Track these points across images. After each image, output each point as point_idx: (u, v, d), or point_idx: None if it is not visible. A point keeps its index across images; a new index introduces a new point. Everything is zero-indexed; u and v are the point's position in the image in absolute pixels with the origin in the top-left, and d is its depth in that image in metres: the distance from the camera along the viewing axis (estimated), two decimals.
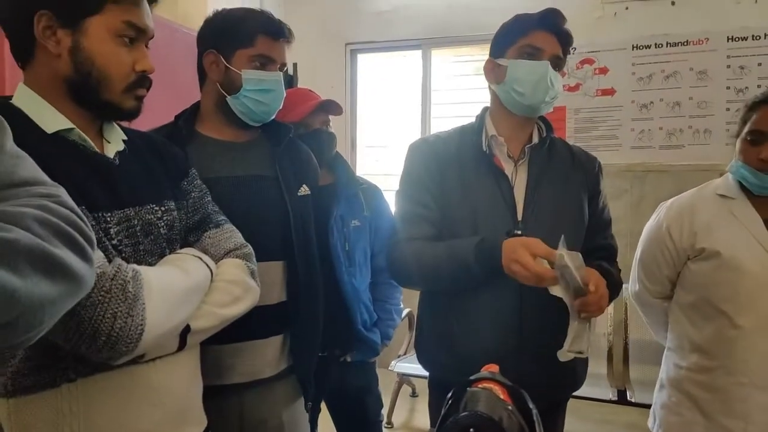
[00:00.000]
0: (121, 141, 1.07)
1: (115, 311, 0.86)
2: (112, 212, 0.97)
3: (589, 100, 3.64)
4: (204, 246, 1.13)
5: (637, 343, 3.12)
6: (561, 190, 1.45)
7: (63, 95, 0.98)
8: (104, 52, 0.96)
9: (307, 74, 3.68)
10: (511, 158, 1.46)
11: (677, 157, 3.50)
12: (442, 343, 1.45)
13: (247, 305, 1.14)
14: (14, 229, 0.58)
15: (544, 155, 1.47)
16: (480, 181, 1.43)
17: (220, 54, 1.37)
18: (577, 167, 1.50)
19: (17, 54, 0.99)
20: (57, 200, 0.67)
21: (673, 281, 1.59)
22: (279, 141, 1.47)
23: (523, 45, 1.40)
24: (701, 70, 3.42)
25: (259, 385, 1.39)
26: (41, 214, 0.63)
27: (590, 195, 1.50)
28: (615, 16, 3.61)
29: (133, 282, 0.89)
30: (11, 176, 0.67)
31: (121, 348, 0.87)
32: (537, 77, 1.38)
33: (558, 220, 1.42)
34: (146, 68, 1.01)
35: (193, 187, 1.18)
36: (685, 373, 1.56)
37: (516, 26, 1.44)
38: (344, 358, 1.93)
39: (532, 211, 1.41)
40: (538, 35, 1.40)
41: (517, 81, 1.40)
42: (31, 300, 0.58)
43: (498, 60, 1.45)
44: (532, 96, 1.40)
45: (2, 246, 0.56)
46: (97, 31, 0.95)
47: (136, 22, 0.99)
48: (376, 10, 4.10)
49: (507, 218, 1.40)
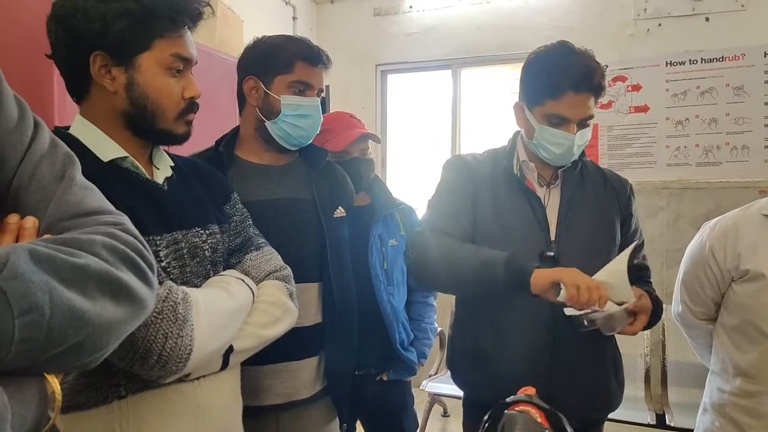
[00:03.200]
0: (169, 167, 1.12)
1: (166, 332, 0.90)
2: (162, 236, 1.02)
3: (622, 117, 3.60)
4: (245, 268, 1.17)
5: (675, 364, 3.04)
6: (593, 212, 1.45)
7: (118, 126, 1.04)
8: (157, 86, 1.02)
9: (339, 95, 3.73)
10: (543, 181, 1.46)
11: (715, 174, 3.43)
12: (474, 362, 1.45)
13: (286, 326, 1.17)
14: (84, 254, 0.62)
15: (576, 178, 1.47)
16: (513, 201, 1.42)
17: (260, 80, 1.41)
18: (609, 190, 1.50)
19: (73, 91, 1.05)
20: (122, 228, 0.71)
21: (717, 303, 1.55)
22: (316, 164, 1.49)
23: (551, 113, 1.36)
24: (738, 86, 3.36)
25: (294, 406, 1.40)
26: (109, 240, 0.67)
27: (622, 217, 1.49)
28: (648, 32, 3.58)
29: (183, 304, 0.93)
30: (81, 206, 0.71)
31: (171, 367, 0.91)
32: (563, 149, 1.37)
33: (590, 241, 1.41)
34: (194, 95, 1.08)
35: (235, 210, 1.22)
36: (728, 397, 1.51)
37: (546, 84, 1.36)
38: (381, 377, 1.93)
39: (565, 232, 1.40)
40: (568, 99, 1.34)
41: (543, 147, 1.39)
42: (99, 322, 0.61)
43: (526, 112, 1.42)
44: (559, 159, 1.41)
45: (74, 271, 0.60)
46: (148, 66, 1.01)
47: (183, 53, 1.05)
48: (405, 31, 4.15)
49: (540, 239, 1.39)
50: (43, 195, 0.70)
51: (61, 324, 0.57)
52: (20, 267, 0.55)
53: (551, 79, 1.35)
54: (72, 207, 0.70)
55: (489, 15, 3.91)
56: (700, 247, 1.56)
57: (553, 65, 1.36)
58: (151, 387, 0.96)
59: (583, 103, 1.35)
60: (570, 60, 1.35)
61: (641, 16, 3.60)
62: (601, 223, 1.45)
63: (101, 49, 0.99)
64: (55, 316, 0.57)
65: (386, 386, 1.94)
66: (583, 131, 1.39)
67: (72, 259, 0.60)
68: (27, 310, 0.54)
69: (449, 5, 4.01)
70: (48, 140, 0.74)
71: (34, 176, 0.70)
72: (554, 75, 1.34)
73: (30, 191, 0.69)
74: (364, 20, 4.24)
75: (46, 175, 0.71)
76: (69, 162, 0.74)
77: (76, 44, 1.00)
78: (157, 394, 0.97)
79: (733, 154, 3.40)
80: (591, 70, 1.34)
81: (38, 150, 0.72)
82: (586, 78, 1.33)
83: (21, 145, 0.70)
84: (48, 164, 0.72)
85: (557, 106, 1.34)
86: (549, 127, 1.37)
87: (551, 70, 1.36)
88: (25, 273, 0.55)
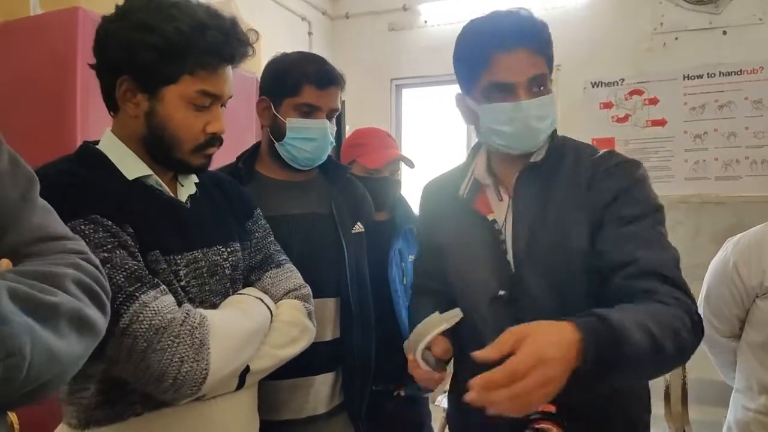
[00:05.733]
0: (194, 185, 1.12)
1: (182, 356, 0.90)
2: (182, 255, 1.02)
3: (639, 131, 3.58)
4: (264, 285, 1.17)
5: (696, 382, 2.98)
6: (565, 218, 1.09)
7: (139, 148, 1.04)
8: (177, 118, 1.01)
9: (354, 110, 3.74)
10: (505, 193, 1.18)
11: (735, 188, 3.38)
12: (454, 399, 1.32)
13: (303, 345, 1.16)
14: (58, 292, 0.64)
15: (542, 176, 1.13)
16: (467, 230, 1.18)
17: (271, 101, 1.41)
18: (581, 178, 1.11)
19: (107, 105, 1.06)
20: (85, 257, 0.73)
21: (741, 319, 1.53)
22: (336, 180, 1.49)
23: (488, 83, 1.09)
24: (756, 100, 3.33)
25: (312, 421, 1.40)
26: (76, 274, 0.68)
27: (597, 204, 1.08)
28: (664, 46, 3.57)
29: (200, 328, 0.93)
30: (45, 229, 0.72)
31: (186, 391, 0.91)
32: (519, 125, 1.08)
33: (558, 263, 1.08)
34: (217, 130, 1.05)
35: (257, 227, 1.22)
36: (753, 415, 1.48)
37: (476, 55, 1.10)
38: (398, 392, 1.91)
39: (525, 257, 1.11)
40: (500, 62, 1.07)
41: (493, 131, 1.11)
42: (69, 359, 0.63)
43: (467, 100, 1.16)
44: (520, 143, 1.11)
45: (49, 310, 0.61)
46: (172, 99, 1.01)
47: (211, 90, 1.03)
48: (420, 46, 4.16)
49: (500, 272, 1.13)
50: (5, 215, 0.69)
51: (39, 364, 0.59)
52: (3, 308, 0.56)
53: (478, 48, 1.10)
54: (35, 231, 0.71)
55: None
56: (724, 263, 1.54)
57: (477, 34, 1.12)
58: (167, 405, 0.96)
59: (521, 62, 1.07)
60: (495, 22, 1.11)
61: (658, 30, 3.58)
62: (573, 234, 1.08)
63: (128, 74, 0.99)
64: (35, 358, 0.58)
65: (403, 402, 1.92)
66: (539, 99, 1.08)
67: (47, 297, 0.62)
68: (11, 353, 0.55)
69: (464, 20, 3.93)
70: (7, 159, 0.71)
71: None
72: (480, 43, 1.10)
73: None
74: (379, 35, 4.27)
75: (9, 195, 0.70)
76: (31, 182, 0.73)
77: (106, 65, 1.02)
78: (173, 412, 0.97)
79: (753, 168, 3.35)
80: (520, 23, 1.08)
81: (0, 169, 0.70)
82: (514, 32, 1.07)
83: None
84: (9, 184, 0.70)
85: (492, 74, 1.08)
86: (492, 104, 1.09)
87: (477, 40, 1.11)
88: (8, 315, 0.56)
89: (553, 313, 0.91)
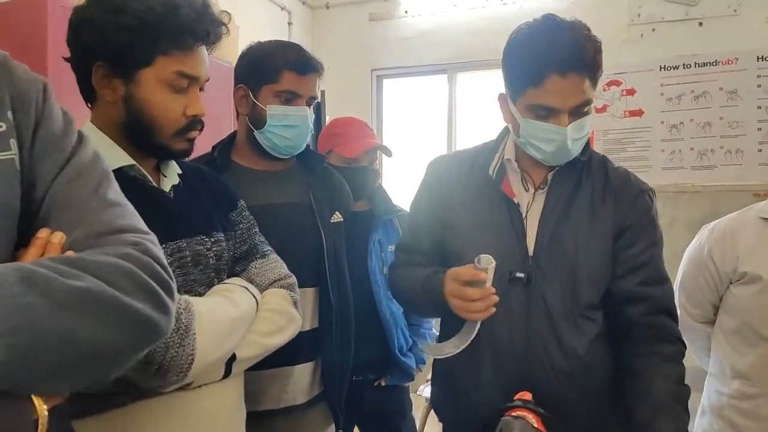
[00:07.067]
0: (177, 175, 1.11)
1: (167, 341, 0.89)
2: (166, 244, 1.01)
3: (617, 122, 3.61)
4: (250, 276, 1.16)
5: None
6: (585, 225, 1.20)
7: (120, 136, 1.03)
8: (155, 102, 1.01)
9: (335, 101, 3.73)
10: (531, 184, 1.24)
11: (709, 177, 3.44)
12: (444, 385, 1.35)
13: (290, 334, 1.16)
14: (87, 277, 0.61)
15: (572, 181, 1.23)
16: (488, 209, 1.23)
17: (249, 89, 1.40)
18: (608, 195, 1.23)
19: (84, 95, 1.05)
20: (140, 248, 0.69)
21: (715, 305, 1.55)
22: (313, 169, 1.49)
23: (534, 103, 1.13)
24: (731, 90, 3.37)
25: (290, 411, 1.40)
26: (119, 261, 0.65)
27: (619, 229, 1.21)
28: (641, 37, 3.59)
29: (186, 313, 0.93)
30: (110, 224, 0.70)
31: (171, 377, 0.91)
32: (555, 145, 1.15)
33: (578, 258, 1.19)
34: (197, 113, 1.05)
35: (241, 218, 1.22)
36: (726, 399, 1.51)
37: (527, 69, 1.12)
38: (379, 382, 1.92)
39: (545, 248, 1.19)
40: (552, 85, 1.10)
41: (531, 144, 1.18)
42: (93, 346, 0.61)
43: (510, 105, 1.21)
44: (553, 158, 1.19)
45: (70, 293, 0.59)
46: (148, 82, 1.00)
47: (188, 71, 1.02)
48: (401, 36, 4.15)
49: (515, 255, 1.19)
50: (75, 211, 0.69)
51: (43, 348, 0.57)
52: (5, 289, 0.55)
53: (531, 63, 1.11)
54: (101, 225, 0.70)
55: (484, 20, 3.91)
56: (699, 250, 1.56)
57: (533, 46, 1.13)
58: (152, 395, 0.95)
59: (573, 88, 1.11)
60: (553, 37, 1.11)
61: (635, 21, 3.61)
62: (592, 239, 1.20)
63: (102, 59, 0.98)
64: (37, 340, 0.56)
65: (384, 392, 1.93)
66: (580, 121, 1.14)
67: (70, 282, 0.60)
68: (4, 333, 0.54)
69: (445, 10, 4.02)
70: (89, 156, 0.73)
71: (68, 192, 0.70)
72: (534, 58, 1.11)
73: (63, 207, 0.69)
74: (359, 25, 4.24)
75: (81, 192, 0.70)
76: (105, 178, 0.74)
77: (81, 53, 1.00)
78: (158, 402, 0.96)
79: (728, 157, 3.41)
80: (579, 47, 1.10)
81: (77, 165, 0.71)
82: (573, 56, 1.09)
83: (60, 159, 0.70)
84: (83, 180, 0.71)
85: (541, 95, 1.11)
86: (535, 121, 1.14)
87: (531, 53, 1.12)
88: (7, 296, 0.55)
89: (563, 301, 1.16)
